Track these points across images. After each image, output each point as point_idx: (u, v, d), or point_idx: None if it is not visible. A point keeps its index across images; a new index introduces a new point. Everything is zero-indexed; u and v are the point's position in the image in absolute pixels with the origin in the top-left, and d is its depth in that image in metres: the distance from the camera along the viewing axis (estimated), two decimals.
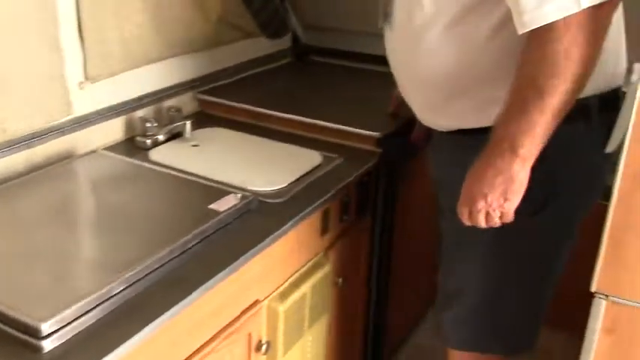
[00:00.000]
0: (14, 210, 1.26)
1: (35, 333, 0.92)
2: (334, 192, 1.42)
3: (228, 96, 1.86)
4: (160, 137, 1.60)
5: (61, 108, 1.46)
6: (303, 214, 1.32)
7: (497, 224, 1.13)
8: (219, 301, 1.15)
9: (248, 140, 1.66)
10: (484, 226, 1.13)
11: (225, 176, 1.42)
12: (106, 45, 1.53)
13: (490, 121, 1.17)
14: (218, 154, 1.57)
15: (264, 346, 1.29)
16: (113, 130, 1.61)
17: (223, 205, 1.27)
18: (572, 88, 1.04)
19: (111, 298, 1.01)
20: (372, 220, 1.67)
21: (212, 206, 1.27)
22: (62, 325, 0.94)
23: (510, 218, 1.13)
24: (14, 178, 1.35)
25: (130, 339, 0.95)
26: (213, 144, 1.63)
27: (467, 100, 1.18)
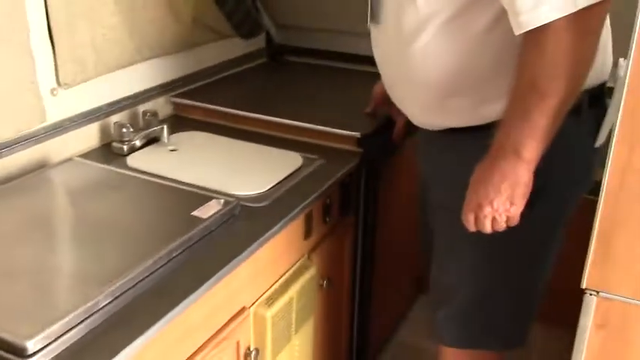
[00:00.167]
0: None
1: (21, 352, 0.89)
2: (318, 194, 1.41)
3: (203, 98, 1.83)
4: (137, 143, 1.57)
5: (34, 116, 1.42)
6: (288, 218, 1.30)
7: (502, 229, 1.13)
8: (206, 310, 1.13)
9: (227, 143, 1.63)
10: (489, 231, 1.13)
11: (206, 181, 1.39)
12: (78, 50, 1.49)
13: (482, 120, 1.16)
14: (197, 159, 1.54)
15: (252, 353, 1.27)
16: (88, 137, 1.58)
17: (207, 212, 1.24)
18: (572, 88, 1.04)
19: (97, 312, 0.98)
20: (355, 220, 1.66)
21: (195, 213, 1.24)
22: (48, 342, 0.91)
23: (516, 222, 1.12)
24: None
25: (119, 353, 0.92)
26: (191, 148, 1.60)
27: (461, 99, 1.17)
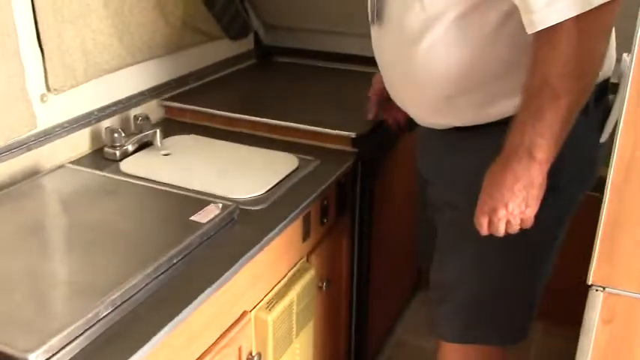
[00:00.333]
0: None
1: None
2: (316, 195, 1.39)
3: (194, 101, 1.81)
4: (129, 148, 1.55)
5: (24, 122, 1.39)
6: (287, 221, 1.29)
7: (516, 231, 1.11)
8: (208, 317, 1.12)
9: (221, 146, 1.61)
10: (502, 234, 1.12)
11: (202, 185, 1.37)
12: (68, 55, 1.47)
13: (488, 119, 1.15)
14: (192, 163, 1.52)
15: (255, 358, 1.25)
16: (80, 143, 1.55)
17: (205, 216, 1.22)
18: (584, 87, 1.03)
19: (98, 323, 0.96)
20: (351, 220, 1.65)
21: (194, 218, 1.22)
22: (50, 355, 0.89)
23: (530, 224, 1.11)
24: None
25: None
26: (185, 152, 1.58)
27: (467, 99, 1.16)
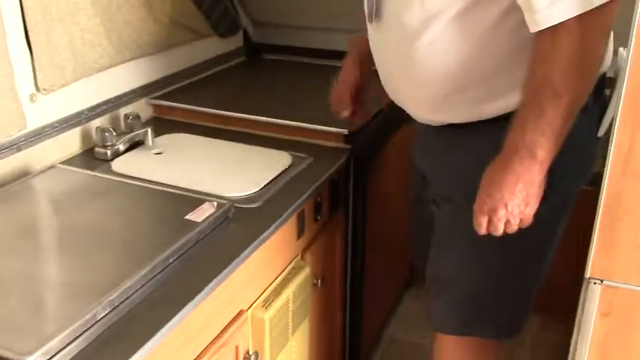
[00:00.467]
0: None
1: None
2: (310, 192, 1.39)
3: (184, 100, 1.80)
4: (120, 147, 1.53)
5: (13, 123, 1.37)
6: (282, 219, 1.28)
7: (514, 230, 1.11)
8: (205, 316, 1.11)
9: (213, 144, 1.60)
10: (501, 234, 1.12)
11: (196, 184, 1.36)
12: (56, 53, 1.45)
13: (487, 115, 1.15)
14: (184, 161, 1.51)
15: (252, 357, 1.25)
16: (70, 143, 1.53)
17: (200, 215, 1.22)
18: (585, 85, 1.03)
19: (96, 324, 0.96)
20: (345, 217, 1.65)
21: (189, 217, 1.21)
22: (49, 357, 0.88)
23: (529, 222, 1.11)
24: None
25: None
26: (177, 151, 1.56)
27: (466, 95, 1.16)
